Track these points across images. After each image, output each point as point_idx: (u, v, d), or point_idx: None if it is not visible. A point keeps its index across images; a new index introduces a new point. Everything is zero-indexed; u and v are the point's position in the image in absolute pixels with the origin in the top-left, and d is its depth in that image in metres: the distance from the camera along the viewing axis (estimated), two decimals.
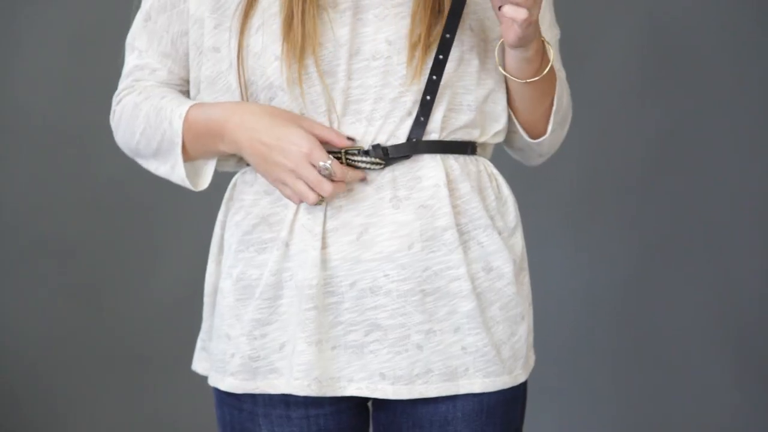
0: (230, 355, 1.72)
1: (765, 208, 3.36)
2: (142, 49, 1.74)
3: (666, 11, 3.32)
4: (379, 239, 1.67)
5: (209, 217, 1.81)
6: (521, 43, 1.62)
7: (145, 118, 1.71)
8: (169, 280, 3.31)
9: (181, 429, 3.33)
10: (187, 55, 1.73)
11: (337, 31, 1.64)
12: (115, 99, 1.78)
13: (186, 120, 1.68)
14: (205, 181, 1.74)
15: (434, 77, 1.66)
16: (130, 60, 1.76)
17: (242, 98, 1.68)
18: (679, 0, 3.32)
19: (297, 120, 1.65)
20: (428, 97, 1.67)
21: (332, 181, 1.63)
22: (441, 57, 1.67)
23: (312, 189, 1.64)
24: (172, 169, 1.71)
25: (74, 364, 3.32)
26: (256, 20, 1.66)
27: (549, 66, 1.68)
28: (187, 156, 1.71)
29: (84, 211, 3.29)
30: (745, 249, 3.36)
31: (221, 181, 1.81)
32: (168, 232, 3.30)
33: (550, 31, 1.78)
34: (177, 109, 1.69)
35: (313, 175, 1.63)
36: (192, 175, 1.73)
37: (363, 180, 1.67)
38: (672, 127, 3.34)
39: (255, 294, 1.70)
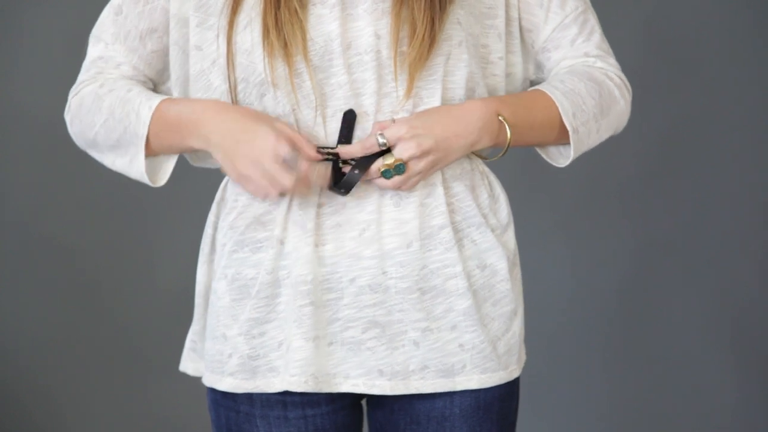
0: (227, 356, 1.71)
1: (764, 209, 3.36)
2: (109, 42, 1.73)
3: (665, 12, 3.32)
4: (380, 236, 1.67)
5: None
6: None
7: (109, 110, 1.69)
8: (168, 279, 3.31)
9: (180, 428, 3.33)
10: (154, 53, 1.73)
11: (326, 26, 1.64)
12: (72, 91, 1.76)
13: (156, 111, 1.66)
14: (163, 177, 1.72)
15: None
16: (94, 51, 1.75)
17: (229, 96, 1.68)
18: (679, 0, 3.32)
19: (269, 120, 1.63)
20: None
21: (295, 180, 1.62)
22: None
23: (274, 185, 1.62)
24: (130, 162, 1.70)
25: (74, 364, 3.32)
26: (243, 18, 1.66)
27: (507, 144, 1.69)
28: (149, 151, 1.69)
29: (84, 211, 3.29)
30: (743, 248, 3.36)
31: (215, 181, 1.81)
32: (167, 232, 3.30)
33: (561, 9, 1.75)
34: (147, 102, 1.67)
35: (275, 168, 1.61)
36: (150, 171, 1.71)
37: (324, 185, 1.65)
38: (670, 127, 3.34)
39: (251, 293, 1.69)
